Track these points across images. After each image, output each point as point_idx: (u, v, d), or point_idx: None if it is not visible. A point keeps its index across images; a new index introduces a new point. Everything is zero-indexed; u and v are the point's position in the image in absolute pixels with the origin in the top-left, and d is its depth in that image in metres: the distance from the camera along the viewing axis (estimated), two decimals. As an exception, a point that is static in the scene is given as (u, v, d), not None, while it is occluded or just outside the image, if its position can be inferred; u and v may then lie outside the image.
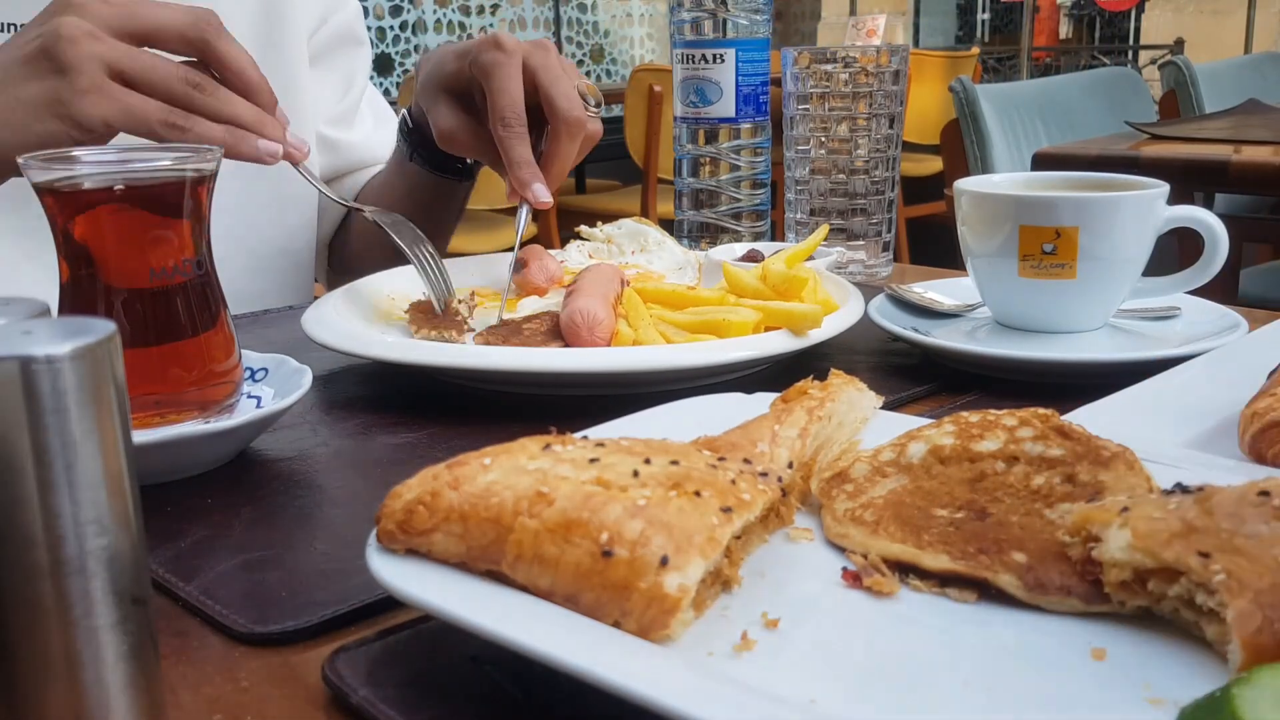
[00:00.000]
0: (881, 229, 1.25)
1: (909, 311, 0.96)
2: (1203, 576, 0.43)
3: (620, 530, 0.44)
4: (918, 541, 0.51)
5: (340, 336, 0.84)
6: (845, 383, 0.65)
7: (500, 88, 0.96)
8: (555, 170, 0.99)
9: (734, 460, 0.53)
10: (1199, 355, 0.79)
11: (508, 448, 0.50)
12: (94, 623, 0.37)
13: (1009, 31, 8.62)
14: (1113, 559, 0.46)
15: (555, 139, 0.98)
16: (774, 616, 0.47)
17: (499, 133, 0.96)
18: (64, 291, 0.70)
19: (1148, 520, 0.46)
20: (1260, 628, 0.41)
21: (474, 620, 0.42)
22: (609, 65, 6.41)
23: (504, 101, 0.96)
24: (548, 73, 0.97)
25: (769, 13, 1.23)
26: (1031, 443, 0.57)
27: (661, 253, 1.14)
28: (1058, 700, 0.42)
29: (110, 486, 0.37)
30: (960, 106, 2.63)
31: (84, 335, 0.36)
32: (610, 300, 0.87)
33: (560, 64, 0.99)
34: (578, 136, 0.98)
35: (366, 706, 0.44)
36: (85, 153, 0.69)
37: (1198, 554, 0.43)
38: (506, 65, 0.96)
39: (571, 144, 0.98)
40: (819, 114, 1.21)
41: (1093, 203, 0.86)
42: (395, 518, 0.47)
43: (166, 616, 0.54)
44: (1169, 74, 3.33)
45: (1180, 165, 2.08)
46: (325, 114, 1.32)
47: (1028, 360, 0.83)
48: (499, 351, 0.81)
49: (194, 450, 0.68)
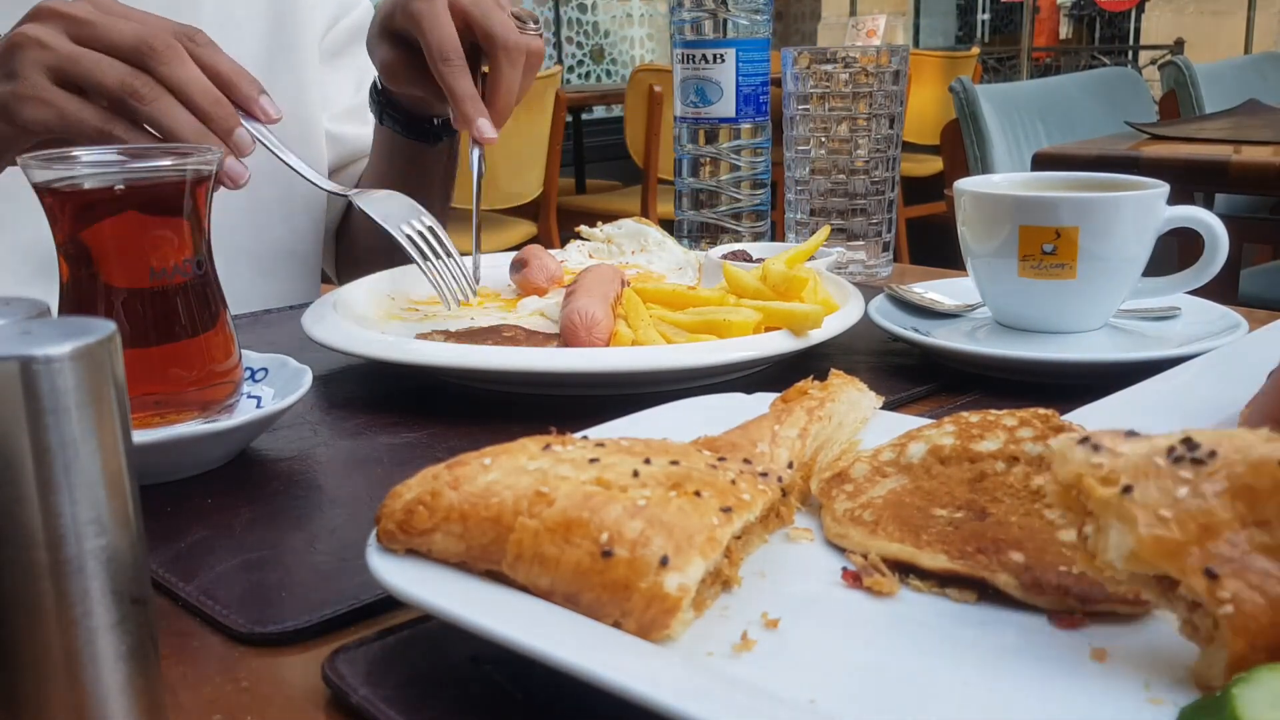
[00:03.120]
0: (881, 229, 1.25)
1: (909, 311, 0.96)
2: (1210, 604, 0.40)
3: (620, 530, 0.44)
4: (917, 541, 0.51)
5: (340, 336, 0.84)
6: (845, 383, 0.65)
7: (431, 27, 0.96)
8: (501, 100, 0.99)
9: (734, 460, 0.53)
10: (1199, 355, 0.79)
11: (508, 448, 0.50)
12: (94, 623, 0.37)
13: (1009, 31, 8.62)
14: (1113, 568, 0.43)
15: (496, 67, 0.99)
16: (774, 616, 0.47)
17: (438, 69, 0.97)
18: (64, 291, 0.70)
19: (1153, 521, 0.41)
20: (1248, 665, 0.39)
21: (474, 620, 0.42)
22: (609, 65, 6.41)
23: (437, 39, 0.96)
24: (477, 7, 0.98)
25: (769, 13, 1.23)
26: (1031, 443, 0.57)
27: (661, 253, 1.14)
28: (1058, 700, 0.42)
29: (110, 486, 0.37)
30: (960, 107, 2.64)
31: (84, 335, 0.36)
32: (609, 300, 0.87)
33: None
34: (518, 61, 0.99)
35: (366, 706, 0.44)
36: (85, 153, 0.69)
37: (1206, 573, 0.40)
38: (434, 7, 0.97)
39: (513, 69, 0.99)
40: (819, 114, 1.21)
41: (1093, 203, 0.86)
42: (395, 518, 0.47)
43: (166, 616, 0.54)
44: (1169, 74, 3.33)
45: (1180, 165, 2.08)
46: (338, 108, 1.34)
47: (1028, 360, 0.83)
48: (499, 351, 0.81)
49: (194, 450, 0.68)
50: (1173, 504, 0.41)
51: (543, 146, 3.95)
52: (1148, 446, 0.43)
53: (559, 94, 3.95)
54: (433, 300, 0.99)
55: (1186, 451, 0.42)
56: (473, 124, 0.97)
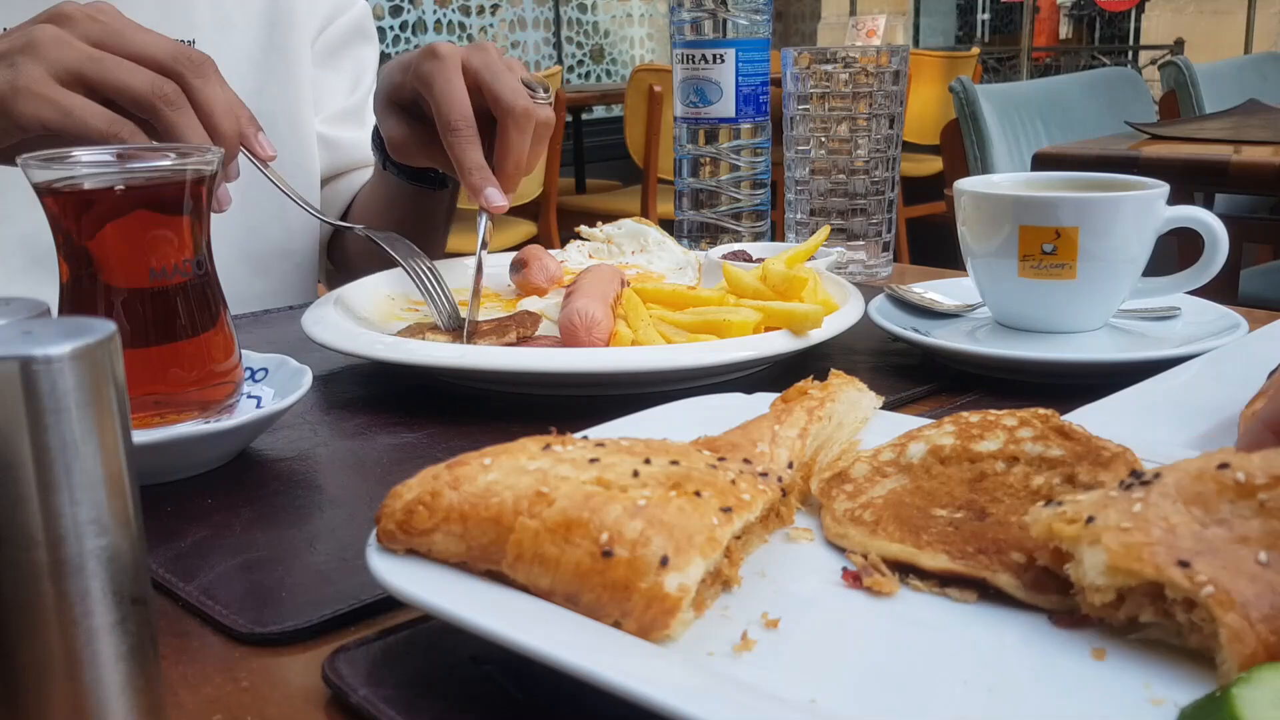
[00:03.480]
0: (881, 229, 1.25)
1: (909, 311, 0.96)
2: (1189, 591, 0.42)
3: (620, 530, 0.44)
4: (917, 541, 0.51)
5: (340, 336, 0.84)
6: (845, 383, 0.65)
7: (442, 93, 0.95)
8: (510, 167, 0.98)
9: (734, 460, 0.53)
10: (1199, 355, 0.79)
11: (508, 448, 0.50)
12: (94, 623, 0.37)
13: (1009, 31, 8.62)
14: (1094, 584, 0.44)
15: (504, 134, 0.97)
16: (774, 616, 0.47)
17: (447, 140, 0.96)
18: (64, 291, 0.70)
19: (1118, 533, 0.44)
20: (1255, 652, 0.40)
21: (474, 620, 0.42)
22: (609, 65, 6.41)
23: (447, 107, 0.95)
24: (488, 70, 0.97)
25: (769, 13, 1.23)
26: (1031, 443, 0.57)
27: (661, 253, 1.14)
28: (1058, 700, 0.42)
29: (110, 486, 0.37)
30: (960, 106, 2.64)
31: (84, 335, 0.36)
32: (609, 301, 0.87)
33: (501, 61, 0.98)
34: (527, 128, 0.97)
35: (366, 706, 0.44)
36: (85, 153, 0.69)
37: (1178, 564, 0.42)
38: (445, 71, 0.96)
39: (521, 136, 0.97)
40: (819, 114, 1.21)
41: (1093, 203, 0.86)
42: (395, 518, 0.47)
43: (166, 616, 0.54)
44: (1169, 74, 3.33)
45: (1180, 165, 2.08)
46: (333, 110, 1.33)
47: (1028, 360, 0.83)
48: (499, 351, 0.81)
49: (194, 450, 0.68)
50: (1132, 517, 0.45)
51: (543, 146, 3.94)
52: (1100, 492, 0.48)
53: (559, 94, 3.94)
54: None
55: (1135, 479, 0.47)
56: (480, 194, 0.96)
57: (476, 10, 5.76)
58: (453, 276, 1.00)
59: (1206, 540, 0.43)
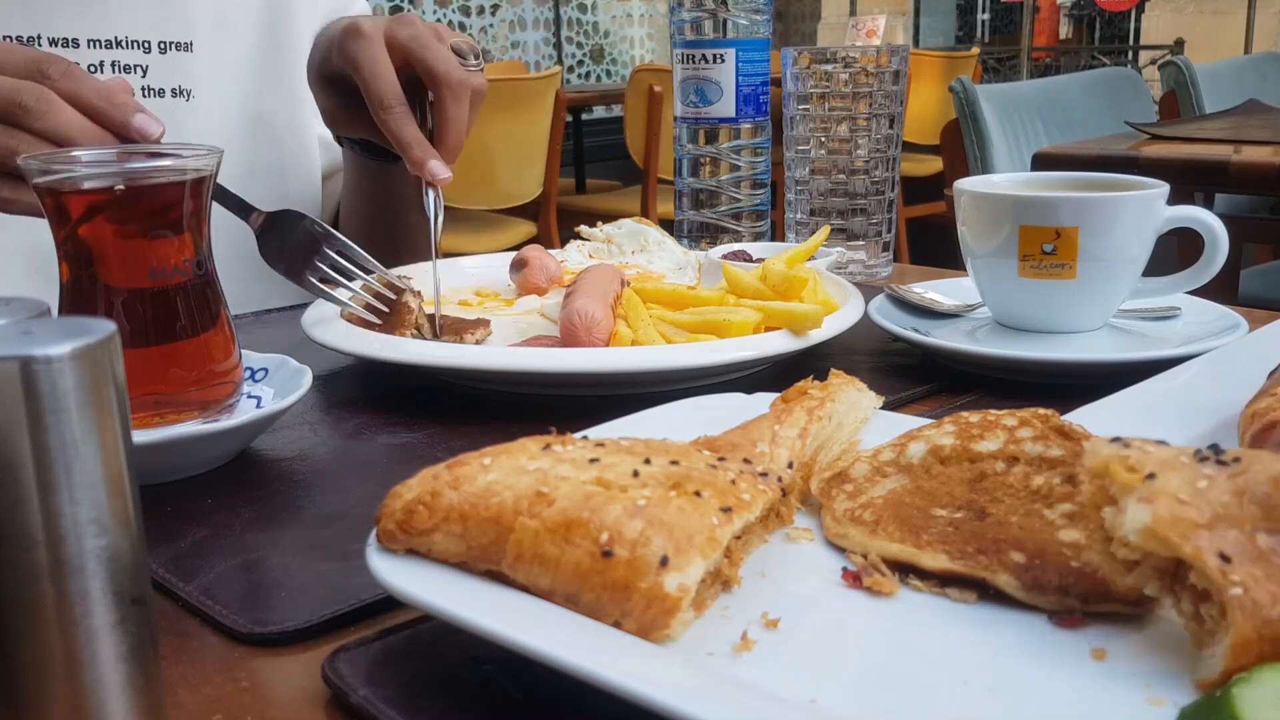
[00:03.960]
0: (881, 229, 1.25)
1: (909, 311, 0.96)
2: (1218, 586, 0.41)
3: (620, 530, 0.44)
4: (917, 541, 0.51)
5: (340, 336, 0.84)
6: (845, 383, 0.65)
7: (370, 72, 0.94)
8: (450, 138, 0.96)
9: (734, 460, 0.53)
10: (1199, 355, 0.79)
11: (508, 448, 0.50)
12: (94, 623, 0.37)
13: (1009, 31, 8.62)
14: (1124, 539, 0.43)
15: (441, 106, 0.96)
16: (774, 616, 0.47)
17: (381, 118, 0.95)
18: (64, 291, 0.70)
19: (1173, 501, 0.42)
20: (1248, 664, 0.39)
21: (474, 620, 0.42)
22: (609, 65, 6.41)
23: (376, 86, 0.94)
24: (416, 42, 0.95)
25: (769, 13, 1.23)
26: (1031, 443, 0.57)
27: (661, 253, 1.14)
28: (1058, 700, 0.42)
29: (110, 486, 0.37)
30: (960, 106, 2.63)
31: (84, 335, 0.36)
32: (609, 301, 0.87)
33: (429, 30, 0.97)
34: (463, 98, 0.96)
35: (366, 706, 0.44)
36: (85, 153, 0.69)
37: (1219, 556, 0.41)
38: (371, 50, 0.94)
39: (459, 107, 0.96)
40: (819, 114, 1.21)
41: (1093, 203, 0.86)
42: (395, 518, 0.47)
43: (166, 616, 0.54)
44: (1169, 74, 3.33)
45: (1180, 165, 2.08)
46: None
47: (1028, 360, 0.83)
48: (499, 351, 0.81)
49: (194, 450, 0.68)
50: (1193, 492, 0.43)
51: (542, 146, 3.94)
52: (1175, 449, 0.45)
53: (559, 94, 3.94)
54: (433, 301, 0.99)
55: (1213, 455, 0.45)
56: (423, 168, 0.94)
57: (476, 10, 5.76)
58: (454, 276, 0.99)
59: (1257, 546, 0.41)
